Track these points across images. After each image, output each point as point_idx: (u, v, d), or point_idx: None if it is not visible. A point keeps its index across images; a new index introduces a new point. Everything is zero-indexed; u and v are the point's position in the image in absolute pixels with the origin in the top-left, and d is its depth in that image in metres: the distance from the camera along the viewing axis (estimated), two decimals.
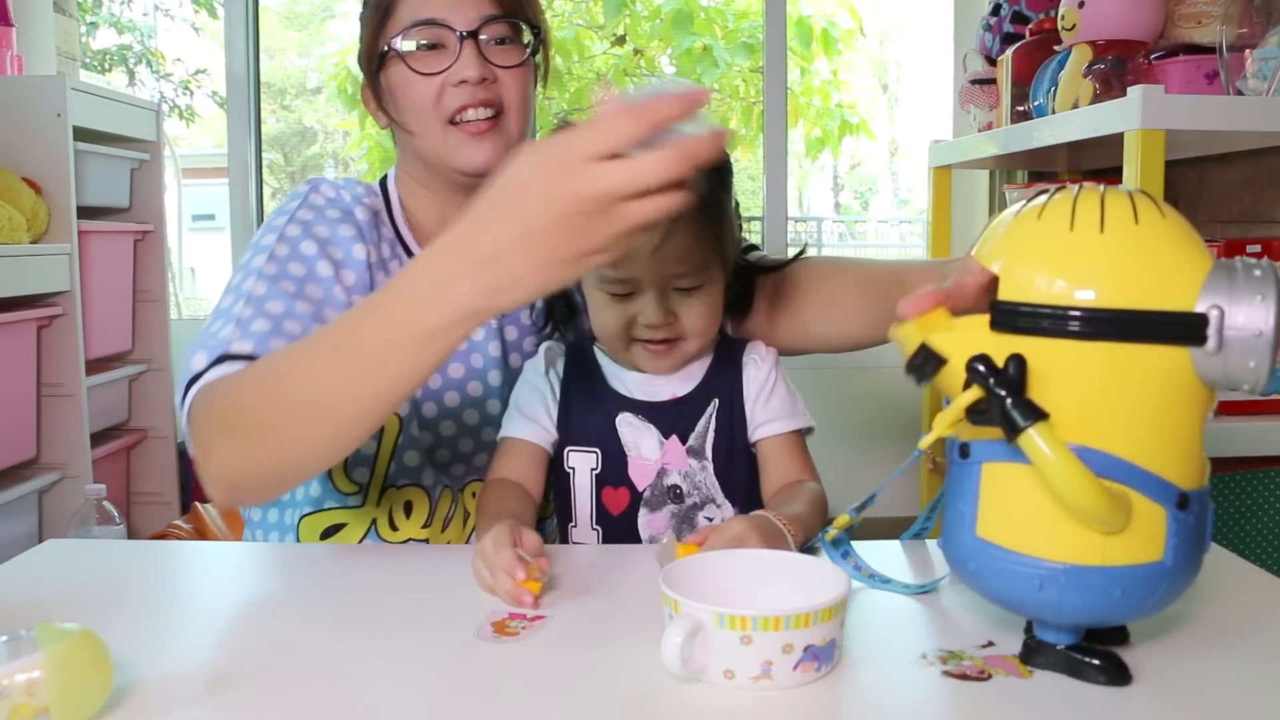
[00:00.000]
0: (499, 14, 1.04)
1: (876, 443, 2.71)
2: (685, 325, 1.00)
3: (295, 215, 1.05)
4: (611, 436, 1.03)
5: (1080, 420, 0.63)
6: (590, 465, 1.03)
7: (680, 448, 1.02)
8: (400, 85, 1.05)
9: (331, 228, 1.05)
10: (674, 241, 0.95)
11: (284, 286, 0.99)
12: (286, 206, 1.07)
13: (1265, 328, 0.60)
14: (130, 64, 5.90)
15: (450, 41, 1.03)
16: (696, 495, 1.02)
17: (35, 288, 2.20)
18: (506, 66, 1.05)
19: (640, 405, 1.03)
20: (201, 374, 0.91)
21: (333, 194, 1.09)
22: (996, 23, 2.18)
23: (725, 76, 4.62)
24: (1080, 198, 0.65)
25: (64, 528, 2.19)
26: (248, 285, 0.99)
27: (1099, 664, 0.66)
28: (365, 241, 1.06)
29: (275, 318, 0.96)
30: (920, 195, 4.58)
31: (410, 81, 1.03)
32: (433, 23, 1.02)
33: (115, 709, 0.63)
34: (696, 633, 0.65)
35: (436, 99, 1.03)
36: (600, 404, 1.04)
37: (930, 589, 0.84)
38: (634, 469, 1.02)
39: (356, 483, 1.07)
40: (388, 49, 1.04)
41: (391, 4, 1.05)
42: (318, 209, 1.07)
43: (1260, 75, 1.49)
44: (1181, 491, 0.64)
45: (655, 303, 0.98)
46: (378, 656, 0.72)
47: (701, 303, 1.00)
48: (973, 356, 0.64)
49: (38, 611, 0.79)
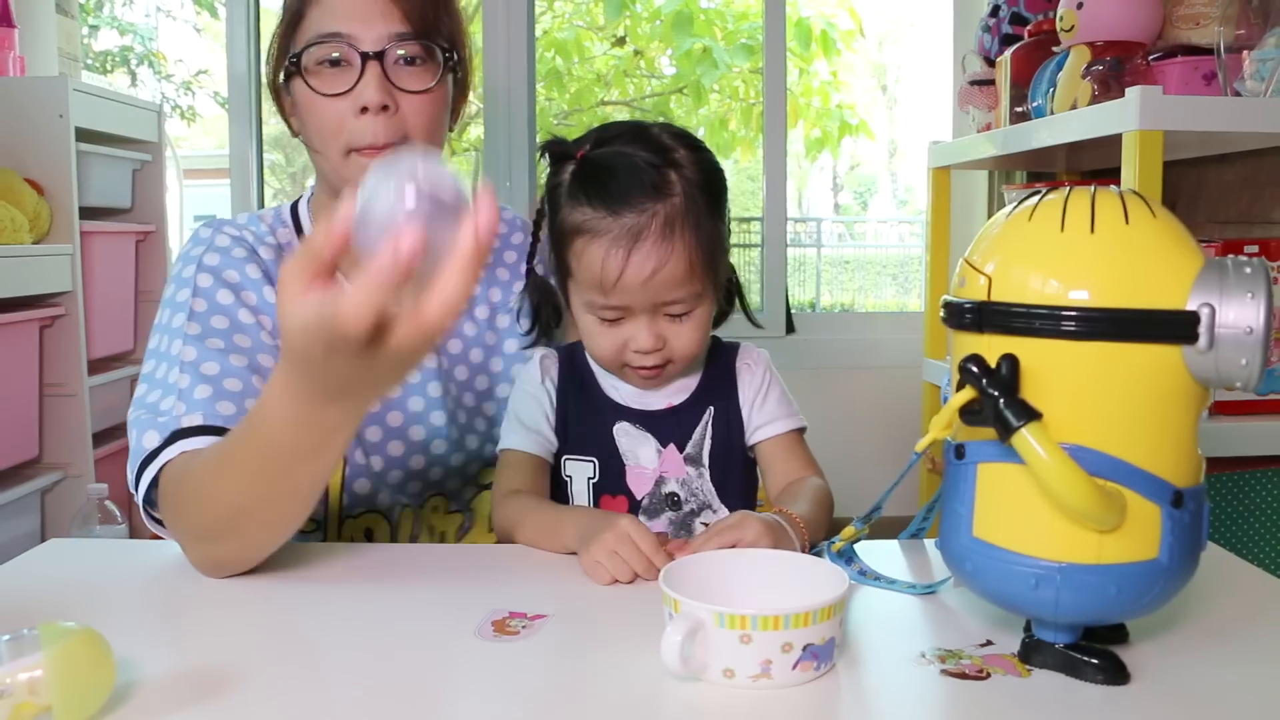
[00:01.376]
0: (408, 33, 0.98)
1: (875, 443, 2.72)
2: (674, 348, 0.98)
3: (202, 263, 1.02)
4: (609, 445, 1.02)
5: (1073, 419, 0.63)
6: (588, 474, 1.02)
7: (678, 456, 1.02)
8: (304, 103, 1.00)
9: (240, 269, 1.02)
10: (666, 272, 0.93)
11: (212, 344, 0.97)
12: (191, 253, 1.04)
13: (1256, 325, 0.61)
14: (132, 65, 5.91)
15: (355, 60, 0.97)
16: (694, 502, 1.02)
17: (37, 288, 2.21)
18: (414, 91, 0.99)
19: (637, 414, 1.03)
20: (157, 451, 0.91)
21: (236, 233, 1.06)
22: (995, 24, 2.18)
23: (725, 77, 4.62)
24: (1071, 199, 0.66)
25: (66, 527, 2.19)
26: (175, 349, 0.97)
27: (1097, 663, 0.67)
28: (272, 283, 1.02)
29: (213, 380, 0.94)
30: (919, 196, 4.59)
31: (313, 102, 0.99)
32: (338, 37, 0.97)
33: (117, 708, 0.64)
34: (696, 632, 0.65)
35: (338, 128, 0.98)
36: (597, 412, 1.03)
37: (935, 589, 0.84)
38: (632, 478, 1.02)
39: (313, 520, 1.05)
40: (292, 61, 0.99)
41: (300, 10, 1.00)
42: (223, 250, 1.03)
43: (1258, 76, 1.50)
44: (1176, 489, 0.64)
45: (646, 328, 0.96)
46: (378, 656, 0.72)
47: (692, 327, 0.98)
48: (965, 357, 0.64)
49: (40, 611, 0.79)
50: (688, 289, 0.95)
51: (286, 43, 1.01)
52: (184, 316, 0.99)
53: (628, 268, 0.92)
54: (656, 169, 0.94)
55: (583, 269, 0.95)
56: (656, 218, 0.92)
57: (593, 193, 0.94)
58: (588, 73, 4.96)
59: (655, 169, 0.94)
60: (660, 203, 0.93)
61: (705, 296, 0.98)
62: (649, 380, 1.00)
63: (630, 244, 0.92)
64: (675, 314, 0.96)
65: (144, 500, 0.93)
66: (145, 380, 0.98)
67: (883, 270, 5.48)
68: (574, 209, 0.95)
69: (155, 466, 0.91)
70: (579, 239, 0.94)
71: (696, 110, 4.64)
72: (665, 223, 0.92)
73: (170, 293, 1.02)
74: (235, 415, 0.92)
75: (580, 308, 0.99)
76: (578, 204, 0.95)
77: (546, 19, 4.92)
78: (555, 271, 1.02)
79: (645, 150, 0.95)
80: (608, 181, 0.94)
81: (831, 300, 5.17)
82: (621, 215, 0.92)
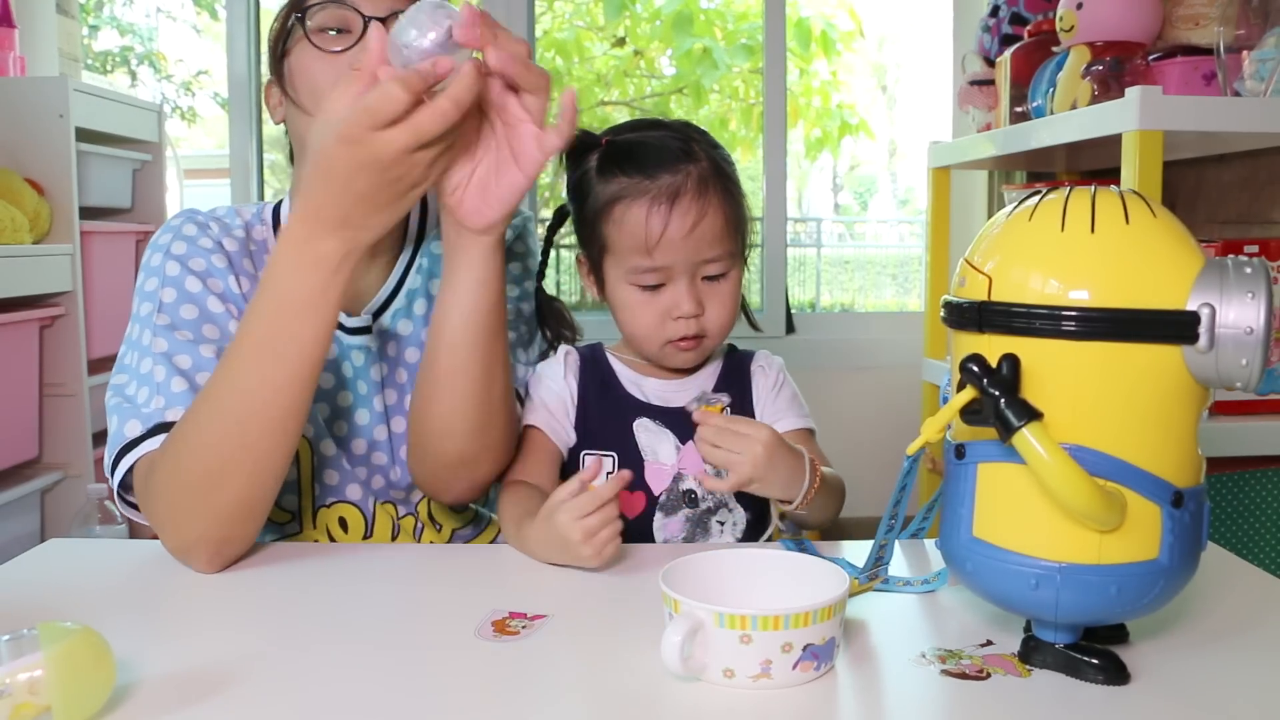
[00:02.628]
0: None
1: (875, 443, 2.71)
2: (710, 318, 1.01)
3: (170, 251, 1.02)
4: (629, 441, 1.04)
5: (1074, 419, 0.63)
6: (606, 469, 1.03)
7: (696, 453, 1.03)
8: (300, 69, 1.01)
9: (206, 257, 1.03)
10: (705, 224, 0.98)
11: (181, 335, 0.98)
12: (159, 241, 1.04)
13: (1256, 325, 0.61)
14: (132, 65, 5.91)
15: (356, 25, 0.99)
16: (710, 500, 1.04)
17: (37, 288, 2.21)
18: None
19: (657, 410, 1.05)
20: (135, 442, 0.93)
21: (203, 221, 1.06)
22: (995, 24, 2.18)
23: (725, 78, 4.62)
24: (1071, 199, 0.66)
25: (66, 527, 2.19)
26: (145, 339, 0.98)
27: (1097, 663, 0.67)
28: (237, 273, 1.03)
29: (187, 373, 0.95)
30: (919, 196, 4.58)
31: (309, 62, 1.00)
32: (341, 3, 0.99)
33: (117, 708, 0.64)
34: (696, 632, 0.65)
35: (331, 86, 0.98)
36: (617, 408, 1.05)
37: (935, 588, 0.84)
38: (650, 473, 1.03)
39: (288, 510, 1.06)
40: (292, 23, 1.01)
41: None
42: (190, 239, 1.03)
43: (1258, 76, 1.50)
44: (1176, 489, 0.64)
45: (687, 291, 0.99)
46: (378, 656, 0.72)
47: (727, 293, 1.02)
48: (966, 357, 0.64)
49: (40, 610, 0.79)
50: (725, 246, 1.00)
51: (287, 18, 1.02)
52: (151, 306, 1.00)
53: (671, 222, 0.97)
54: (681, 141, 1.02)
55: (624, 235, 0.99)
56: (690, 176, 0.99)
57: (627, 163, 1.00)
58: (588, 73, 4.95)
59: (680, 141, 1.02)
60: (692, 164, 0.99)
61: (737, 260, 1.03)
62: (687, 354, 1.03)
63: (670, 200, 0.97)
64: (712, 275, 1.01)
65: (119, 485, 0.94)
66: (122, 369, 0.99)
67: (882, 270, 5.48)
68: (608, 183, 1.00)
69: (135, 454, 0.92)
70: (618, 206, 0.99)
71: (696, 110, 4.64)
72: (700, 180, 0.99)
73: (140, 281, 1.03)
74: None
75: (619, 283, 1.02)
76: (612, 177, 1.00)
77: (546, 19, 4.92)
78: (588, 257, 1.05)
79: (665, 130, 1.04)
80: (639, 152, 1.00)
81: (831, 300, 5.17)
82: (658, 177, 0.98)
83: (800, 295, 4.84)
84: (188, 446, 0.87)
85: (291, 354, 0.86)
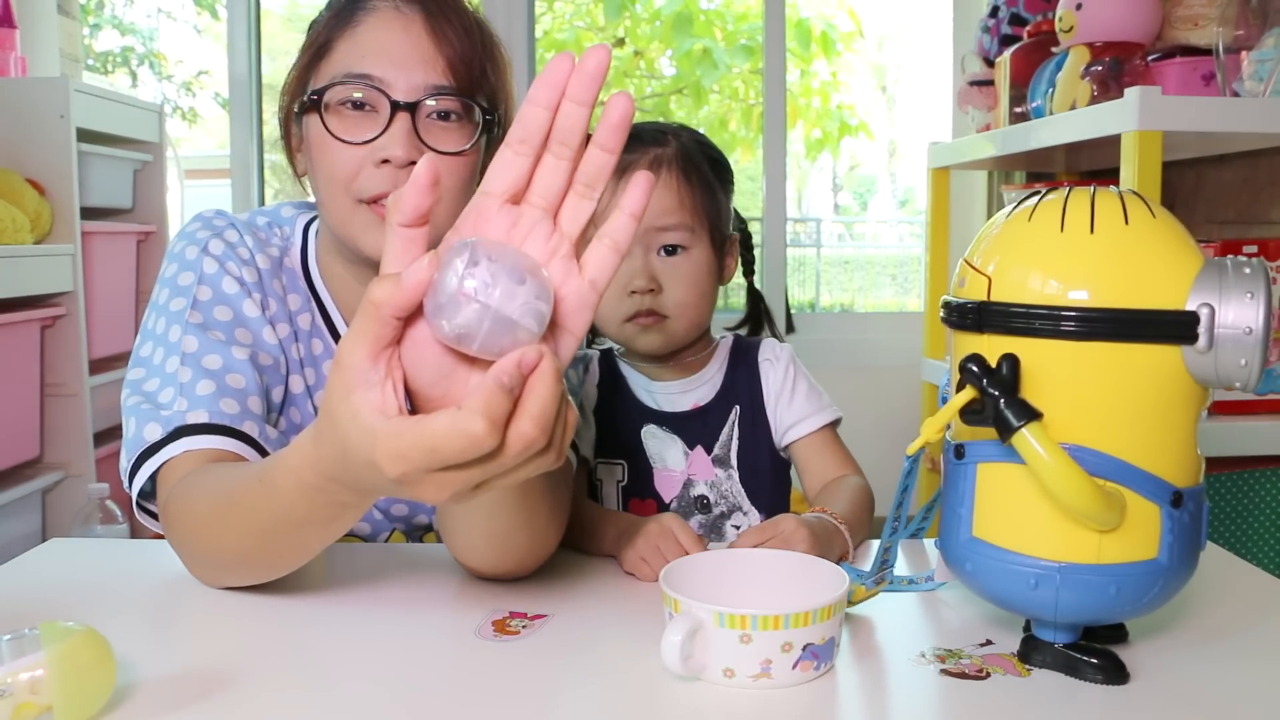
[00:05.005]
0: (448, 87, 0.88)
1: (874, 443, 2.71)
2: (668, 297, 1.00)
3: (208, 248, 0.96)
4: (637, 449, 1.03)
5: (1073, 419, 0.63)
6: (617, 478, 1.03)
7: (706, 458, 1.03)
8: (317, 145, 0.91)
9: (242, 267, 0.96)
10: (657, 194, 0.98)
11: (214, 335, 0.91)
12: (197, 235, 0.97)
13: (1255, 325, 0.61)
14: (133, 65, 5.91)
15: (384, 108, 0.88)
16: (724, 504, 1.03)
17: (38, 288, 2.21)
18: (445, 153, 0.89)
19: (664, 416, 1.04)
20: (157, 446, 0.86)
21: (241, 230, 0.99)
22: (994, 24, 2.18)
23: (725, 78, 4.62)
24: (1070, 199, 0.66)
25: (67, 527, 2.19)
26: (174, 336, 0.92)
27: (1097, 662, 0.67)
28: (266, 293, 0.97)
29: (216, 374, 0.89)
30: (919, 196, 4.58)
31: (327, 144, 0.89)
32: (368, 79, 0.88)
33: (118, 707, 0.64)
34: (696, 632, 0.65)
35: (352, 176, 0.89)
36: (626, 416, 1.05)
37: (937, 586, 0.84)
38: (660, 481, 1.03)
39: None
40: (311, 97, 0.90)
41: (329, 42, 0.91)
42: (230, 244, 0.97)
43: (1257, 77, 1.50)
44: (1175, 489, 0.64)
45: (640, 261, 1.00)
46: (378, 656, 0.72)
47: (686, 272, 1.01)
48: (966, 357, 0.64)
49: (41, 610, 0.79)
50: (676, 218, 1.01)
51: (307, 76, 0.92)
52: (185, 302, 0.93)
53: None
54: (655, 132, 1.05)
55: None
56: (646, 155, 1.02)
57: None
58: None
59: (654, 132, 1.05)
60: (656, 147, 1.02)
61: (698, 238, 1.02)
62: (649, 335, 1.02)
63: (619, 176, 0.92)
64: (669, 245, 1.01)
65: (139, 493, 0.89)
66: (141, 364, 0.92)
67: (882, 270, 5.48)
68: None
69: (156, 461, 0.87)
70: None
71: (696, 111, 4.64)
72: (654, 160, 1.02)
73: (172, 272, 0.96)
74: (239, 414, 0.89)
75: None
76: None
77: (546, 20, 4.92)
78: None
79: (647, 128, 1.06)
80: None
81: (831, 300, 5.17)
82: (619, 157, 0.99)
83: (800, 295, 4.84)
84: (200, 534, 0.81)
85: (295, 545, 0.76)
